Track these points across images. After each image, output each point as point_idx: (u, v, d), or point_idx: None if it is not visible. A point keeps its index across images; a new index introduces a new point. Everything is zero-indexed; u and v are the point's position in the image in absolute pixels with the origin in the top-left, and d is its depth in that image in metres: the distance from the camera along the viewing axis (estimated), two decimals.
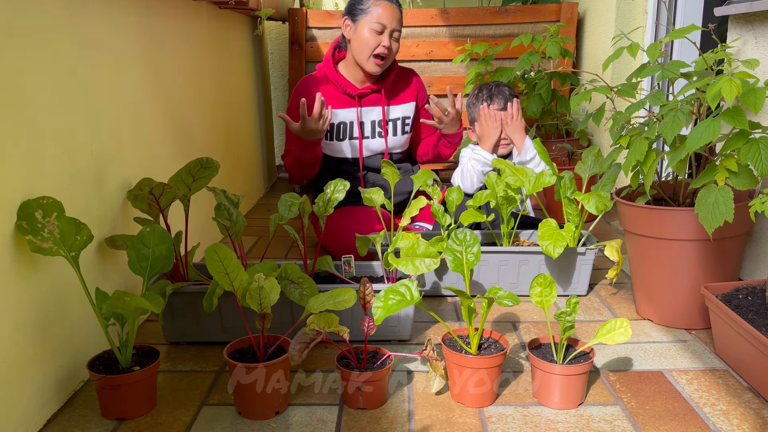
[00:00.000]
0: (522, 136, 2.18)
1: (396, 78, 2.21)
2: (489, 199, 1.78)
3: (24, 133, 1.15)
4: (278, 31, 3.64)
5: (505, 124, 2.18)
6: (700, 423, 1.21)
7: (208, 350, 1.52)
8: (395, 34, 2.07)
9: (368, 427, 1.21)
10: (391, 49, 2.08)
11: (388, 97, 2.21)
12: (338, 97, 2.16)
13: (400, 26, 2.09)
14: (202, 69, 2.26)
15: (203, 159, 1.56)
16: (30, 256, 1.17)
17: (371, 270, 1.72)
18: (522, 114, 2.20)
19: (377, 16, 2.04)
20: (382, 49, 2.06)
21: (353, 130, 2.18)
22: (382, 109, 2.19)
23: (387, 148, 2.22)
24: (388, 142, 2.22)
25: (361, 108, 2.18)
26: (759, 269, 1.73)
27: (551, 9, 3.12)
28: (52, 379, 1.25)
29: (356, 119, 2.17)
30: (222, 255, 1.21)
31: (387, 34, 2.06)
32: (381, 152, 2.22)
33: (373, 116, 2.20)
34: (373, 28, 2.05)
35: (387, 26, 2.05)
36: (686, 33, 1.49)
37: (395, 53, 2.12)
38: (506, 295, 1.25)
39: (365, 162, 2.22)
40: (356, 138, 2.19)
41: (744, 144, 1.33)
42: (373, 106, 2.19)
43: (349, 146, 2.20)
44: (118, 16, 1.56)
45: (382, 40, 2.05)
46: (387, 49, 2.06)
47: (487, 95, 2.22)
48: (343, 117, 2.17)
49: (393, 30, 2.06)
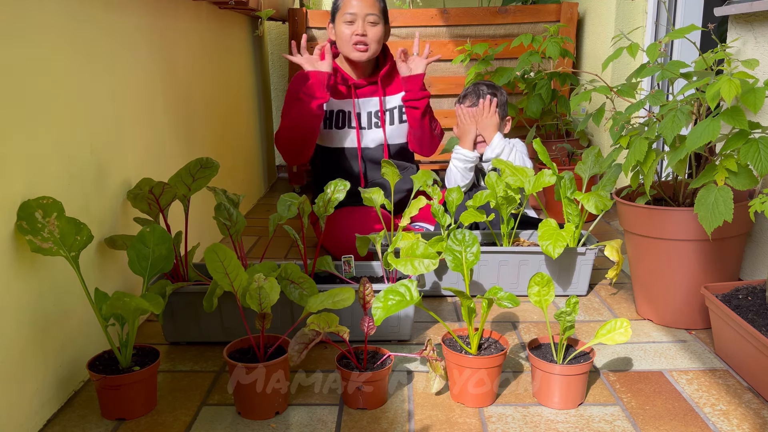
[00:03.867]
0: (491, 132, 2.17)
1: (391, 68, 2.23)
2: (489, 199, 1.78)
3: (24, 133, 1.15)
4: (278, 31, 3.64)
5: (477, 121, 2.18)
6: (700, 423, 1.21)
7: (208, 350, 1.52)
8: (369, 17, 2.07)
9: (368, 427, 1.21)
10: (367, 34, 2.08)
11: (384, 87, 2.23)
12: (334, 88, 2.18)
13: (374, 9, 2.08)
14: (203, 69, 2.26)
15: (203, 159, 1.56)
16: (30, 256, 1.17)
17: (371, 270, 1.72)
18: (497, 111, 2.17)
19: (346, 7, 2.08)
20: (356, 37, 2.08)
21: (351, 120, 2.20)
22: (380, 99, 2.20)
23: (386, 138, 2.23)
24: (386, 131, 2.23)
25: (358, 99, 2.20)
26: (759, 269, 1.73)
27: (551, 9, 3.12)
28: (52, 379, 1.25)
29: (353, 110, 2.19)
30: (222, 255, 1.21)
31: (360, 22, 2.07)
32: (380, 143, 2.23)
33: (370, 107, 2.22)
34: (345, 20, 2.08)
35: (357, 13, 2.06)
36: (686, 33, 1.49)
37: (378, 38, 2.11)
38: (506, 297, 1.25)
39: (364, 153, 2.24)
40: (354, 128, 2.21)
41: (743, 144, 1.33)
42: (370, 97, 2.21)
43: (348, 136, 2.22)
44: (118, 16, 1.56)
45: (356, 29, 2.07)
46: (361, 35, 2.07)
47: (462, 95, 2.24)
48: (340, 106, 2.19)
49: (366, 15, 2.07)
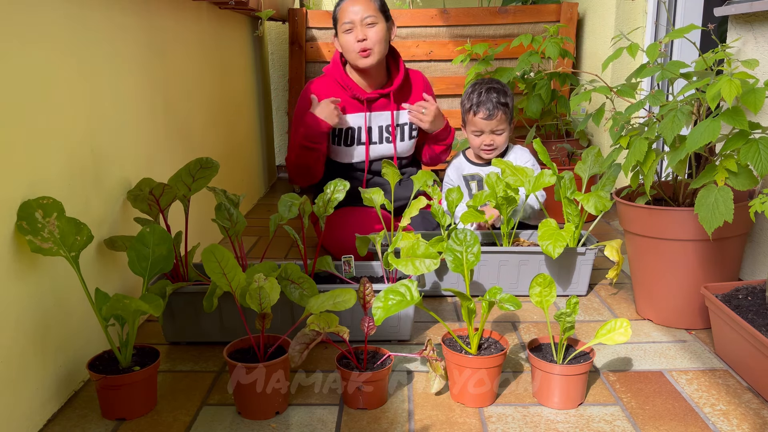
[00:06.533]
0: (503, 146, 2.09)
1: (403, 82, 2.20)
2: (489, 199, 1.78)
3: (24, 134, 1.15)
4: (278, 31, 3.64)
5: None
6: (700, 423, 1.21)
7: (208, 350, 1.52)
8: (366, 20, 2.04)
9: (368, 427, 1.21)
10: (368, 36, 2.05)
11: (396, 102, 2.20)
12: (347, 101, 2.15)
13: (369, 10, 2.04)
14: (203, 69, 2.26)
15: (203, 159, 1.56)
16: (30, 256, 1.17)
17: (371, 270, 1.72)
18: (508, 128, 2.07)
19: (343, 17, 2.06)
20: (358, 45, 2.05)
21: (361, 135, 2.17)
22: (391, 114, 2.18)
23: (396, 154, 2.21)
24: (396, 147, 2.21)
25: (370, 113, 2.17)
26: (759, 269, 1.73)
27: (551, 9, 3.12)
28: (52, 379, 1.25)
29: (364, 124, 2.16)
30: (219, 255, 1.21)
31: (358, 27, 2.05)
32: (389, 157, 2.21)
33: (381, 121, 2.19)
34: (344, 29, 2.06)
35: (354, 20, 2.04)
36: (686, 33, 1.49)
37: (380, 38, 2.06)
38: (507, 299, 1.25)
39: (371, 167, 2.22)
40: (364, 143, 2.18)
41: (744, 144, 1.33)
42: (382, 110, 2.18)
43: (356, 151, 2.19)
44: (119, 16, 1.56)
45: (356, 34, 2.05)
46: (362, 40, 2.05)
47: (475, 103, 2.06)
48: (351, 122, 2.16)
49: (363, 19, 2.04)
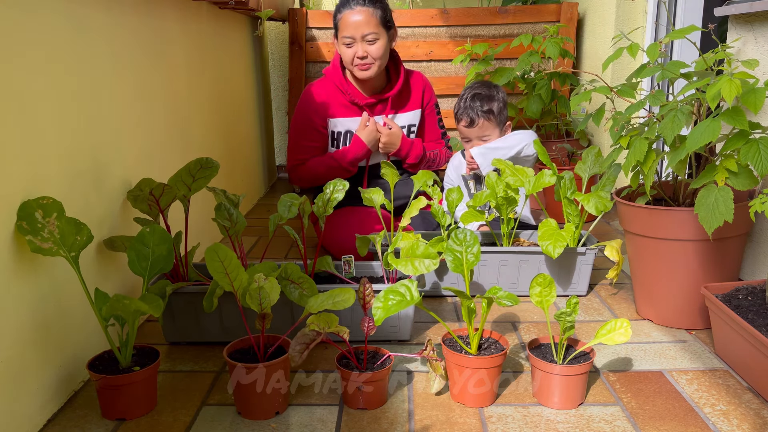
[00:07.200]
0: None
1: (402, 87, 2.20)
2: (489, 199, 1.78)
3: (24, 134, 1.15)
4: (278, 31, 3.64)
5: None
6: (700, 423, 1.21)
7: (208, 350, 1.52)
8: (368, 37, 2.03)
9: (368, 427, 1.21)
10: (368, 54, 2.05)
11: (394, 106, 2.20)
12: (345, 104, 2.15)
13: (371, 27, 2.03)
14: (203, 69, 2.26)
15: (203, 159, 1.56)
16: (30, 256, 1.17)
17: (371, 270, 1.72)
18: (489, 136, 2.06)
19: (344, 30, 2.05)
20: (357, 61, 2.06)
21: None
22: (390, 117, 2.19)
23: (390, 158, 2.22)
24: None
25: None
26: (759, 269, 1.73)
27: (551, 9, 3.12)
28: (52, 379, 1.25)
29: None
30: (222, 255, 1.21)
31: (358, 43, 2.04)
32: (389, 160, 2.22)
33: None
34: (344, 42, 2.07)
35: (354, 36, 2.04)
36: (686, 33, 1.49)
37: (381, 54, 2.06)
38: (506, 296, 1.25)
39: (370, 170, 2.23)
40: None
41: (744, 144, 1.33)
42: (380, 115, 2.19)
43: None
44: (119, 16, 1.56)
45: (357, 50, 2.05)
46: (362, 57, 2.05)
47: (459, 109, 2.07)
48: (349, 126, 2.17)
49: (363, 36, 2.03)
